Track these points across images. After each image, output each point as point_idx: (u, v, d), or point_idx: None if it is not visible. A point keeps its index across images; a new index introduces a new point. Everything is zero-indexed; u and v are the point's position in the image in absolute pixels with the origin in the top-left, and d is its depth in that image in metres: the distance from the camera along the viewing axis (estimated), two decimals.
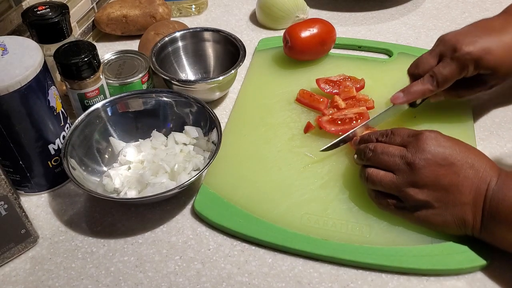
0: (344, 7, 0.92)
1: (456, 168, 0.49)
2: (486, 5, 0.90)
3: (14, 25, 0.65)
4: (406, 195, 0.50)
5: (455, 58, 0.58)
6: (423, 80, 0.60)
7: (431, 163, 0.49)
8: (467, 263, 0.49)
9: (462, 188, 0.49)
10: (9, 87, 0.49)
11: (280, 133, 0.65)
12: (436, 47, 0.61)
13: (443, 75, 0.58)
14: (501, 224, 0.47)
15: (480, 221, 0.48)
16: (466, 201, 0.48)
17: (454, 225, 0.50)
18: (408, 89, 0.61)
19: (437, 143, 0.50)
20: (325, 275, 0.50)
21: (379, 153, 0.52)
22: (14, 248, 0.52)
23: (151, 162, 0.60)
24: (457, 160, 0.49)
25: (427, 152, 0.50)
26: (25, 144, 0.54)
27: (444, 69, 0.58)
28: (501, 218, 0.47)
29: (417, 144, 0.50)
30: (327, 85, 0.70)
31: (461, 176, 0.49)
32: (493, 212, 0.47)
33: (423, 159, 0.49)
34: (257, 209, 0.55)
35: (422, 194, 0.49)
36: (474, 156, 0.50)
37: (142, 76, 0.67)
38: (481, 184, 0.48)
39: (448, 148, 0.50)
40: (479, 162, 0.49)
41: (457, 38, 0.58)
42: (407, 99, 0.61)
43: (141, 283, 0.51)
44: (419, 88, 0.60)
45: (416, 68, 0.62)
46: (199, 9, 0.92)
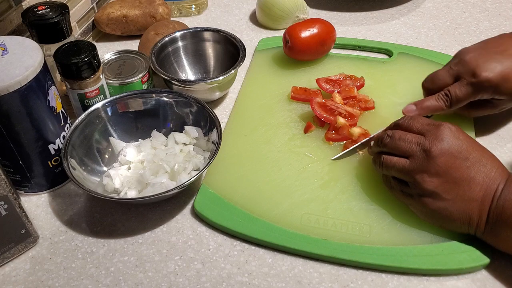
0: (344, 7, 0.92)
1: (469, 163, 0.49)
2: (486, 5, 0.90)
3: (14, 25, 0.65)
4: (416, 181, 0.50)
5: (472, 83, 0.58)
6: (437, 97, 0.60)
7: (446, 153, 0.49)
8: (467, 263, 0.49)
9: (472, 184, 0.49)
10: (9, 87, 0.49)
11: (280, 133, 0.65)
12: (454, 66, 0.60)
13: (458, 97, 0.59)
14: (507, 226, 0.47)
15: (485, 220, 0.48)
16: (475, 198, 0.49)
17: (458, 221, 0.49)
18: (421, 103, 0.61)
19: (456, 135, 0.50)
20: (325, 275, 0.50)
21: (397, 139, 0.53)
22: (14, 248, 0.52)
23: (151, 162, 0.60)
24: (472, 156, 0.50)
25: (445, 142, 0.50)
26: (25, 144, 0.54)
27: (460, 91, 0.59)
28: (507, 219, 0.47)
29: (437, 132, 0.51)
30: (328, 84, 0.70)
31: (473, 172, 0.49)
32: (499, 213, 0.47)
33: (439, 148, 0.50)
34: (257, 209, 0.55)
35: (432, 183, 0.50)
36: (488, 156, 0.51)
37: (142, 76, 0.67)
38: (491, 184, 0.49)
39: (465, 143, 0.50)
40: (492, 163, 0.50)
41: (477, 62, 0.58)
42: (418, 113, 0.61)
43: (141, 283, 0.51)
44: (433, 105, 0.60)
45: (431, 84, 0.62)
46: (199, 9, 0.92)
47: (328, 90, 0.69)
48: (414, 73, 0.73)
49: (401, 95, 0.70)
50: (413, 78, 0.71)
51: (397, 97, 0.69)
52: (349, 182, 0.58)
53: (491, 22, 0.86)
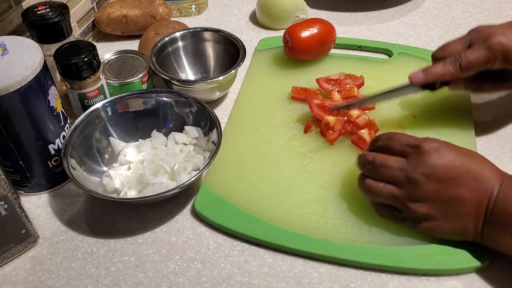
0: (344, 7, 0.92)
1: (458, 181, 0.48)
2: (486, 5, 0.90)
3: (14, 25, 0.65)
4: (407, 208, 0.49)
5: (485, 46, 0.56)
6: (445, 62, 0.58)
7: (433, 177, 0.48)
8: (467, 263, 0.49)
9: (464, 201, 0.48)
10: (9, 87, 0.49)
11: (280, 133, 0.65)
12: (467, 35, 0.59)
13: (468, 60, 0.56)
14: (503, 231, 0.47)
15: (481, 229, 0.48)
16: (468, 213, 0.48)
17: (455, 235, 0.50)
18: (428, 68, 0.59)
19: (438, 156, 0.48)
20: (325, 275, 0.50)
21: (378, 166, 0.51)
22: (14, 248, 0.52)
23: (151, 162, 0.60)
24: (459, 172, 0.48)
25: (429, 166, 0.48)
26: (25, 144, 0.54)
27: (472, 54, 0.56)
28: (502, 225, 0.46)
29: (418, 157, 0.49)
30: (328, 84, 0.70)
31: (463, 189, 0.48)
32: (494, 220, 0.47)
33: (424, 173, 0.48)
34: (257, 209, 0.55)
35: (423, 208, 0.49)
36: (476, 165, 0.49)
37: (142, 76, 0.67)
38: (483, 195, 0.47)
39: (450, 161, 0.48)
40: (481, 170, 0.48)
41: (491, 29, 0.57)
42: (425, 79, 0.59)
43: (141, 283, 0.51)
44: (440, 70, 0.58)
45: (441, 51, 0.60)
46: (199, 9, 0.92)
47: (329, 90, 0.69)
48: None
49: None
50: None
51: None
52: (349, 182, 0.58)
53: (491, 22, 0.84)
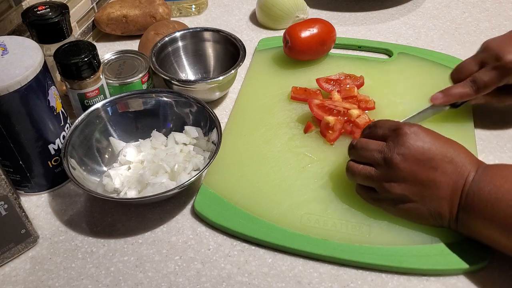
0: (344, 7, 0.92)
1: (434, 163, 0.49)
2: (486, 5, 0.90)
3: (14, 25, 0.65)
4: (383, 189, 0.51)
5: (497, 66, 0.58)
6: (463, 84, 0.61)
7: (409, 158, 0.50)
8: (467, 263, 0.49)
9: (439, 183, 0.49)
10: (9, 87, 0.49)
11: (280, 133, 0.65)
12: (480, 53, 0.62)
13: (483, 81, 0.59)
14: (476, 218, 0.47)
15: (456, 215, 0.49)
16: (443, 196, 0.49)
17: (430, 218, 0.51)
18: (447, 90, 0.62)
19: (416, 138, 0.50)
20: (325, 275, 0.50)
21: (359, 148, 0.53)
22: (14, 248, 0.52)
23: (151, 162, 0.60)
24: (435, 155, 0.49)
25: (405, 147, 0.50)
26: (25, 144, 0.54)
27: (485, 75, 0.59)
28: (475, 212, 0.47)
29: (396, 138, 0.51)
30: (328, 84, 0.70)
31: (439, 171, 0.49)
32: (468, 206, 0.48)
33: (400, 154, 0.50)
34: (257, 209, 0.55)
35: (399, 188, 0.50)
36: (453, 150, 0.50)
37: (142, 76, 0.67)
38: (458, 179, 0.49)
39: (427, 143, 0.50)
40: (458, 156, 0.50)
41: (500, 46, 0.59)
42: (445, 101, 0.62)
43: (141, 283, 0.51)
44: (458, 91, 0.61)
45: (458, 73, 0.63)
46: (199, 9, 0.92)
47: (328, 90, 0.69)
48: (414, 73, 0.73)
49: (401, 95, 0.70)
50: (413, 78, 0.71)
51: (397, 97, 0.69)
52: (349, 182, 0.58)
53: (491, 22, 0.86)
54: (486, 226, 0.47)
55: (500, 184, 0.47)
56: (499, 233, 0.46)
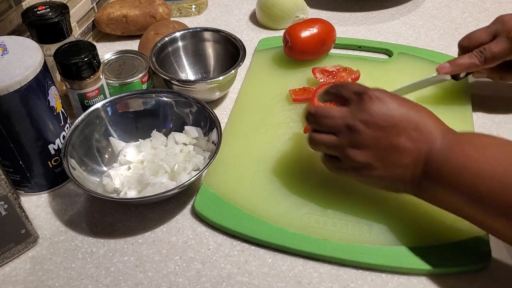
0: (344, 7, 0.92)
1: (397, 130, 0.48)
2: (486, 5, 0.90)
3: (14, 25, 0.65)
4: (347, 157, 0.50)
5: (509, 38, 0.58)
6: (471, 54, 0.61)
7: (372, 124, 0.48)
8: (467, 263, 0.49)
9: (403, 149, 0.48)
10: (9, 87, 0.49)
11: (280, 133, 0.65)
12: (493, 25, 0.61)
13: (493, 52, 0.59)
14: (441, 186, 0.47)
15: (419, 182, 0.48)
16: (406, 162, 0.48)
17: (392, 184, 0.50)
18: (455, 61, 0.62)
19: (380, 104, 0.49)
20: (325, 275, 0.50)
21: (319, 117, 0.52)
22: (14, 248, 0.52)
23: (151, 162, 0.60)
24: (399, 122, 0.48)
25: (368, 113, 0.49)
26: (25, 144, 0.54)
27: (496, 47, 0.59)
28: (441, 180, 0.46)
29: (359, 104, 0.50)
30: (322, 74, 0.71)
31: (403, 138, 0.48)
32: (433, 174, 0.47)
33: (363, 120, 0.49)
34: (257, 209, 0.55)
35: (362, 156, 0.49)
36: (419, 116, 0.49)
37: (142, 76, 0.67)
38: (423, 146, 0.48)
39: (391, 109, 0.49)
40: (424, 123, 0.48)
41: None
42: (452, 70, 0.62)
43: (141, 283, 0.51)
44: (466, 62, 0.61)
45: (467, 41, 0.63)
46: (199, 9, 0.92)
47: (319, 80, 0.71)
48: (414, 73, 0.73)
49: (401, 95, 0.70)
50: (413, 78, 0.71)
51: None
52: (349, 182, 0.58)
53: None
54: (451, 194, 0.46)
55: (469, 154, 0.46)
56: (463, 202, 0.46)
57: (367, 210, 0.55)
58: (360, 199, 0.56)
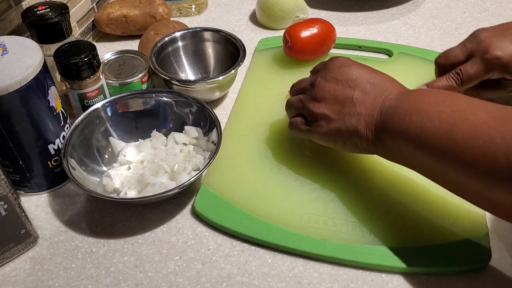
0: (344, 7, 0.92)
1: (353, 83, 0.52)
2: (486, 5, 0.90)
3: (14, 25, 0.65)
4: (307, 109, 0.55)
5: (484, 60, 0.58)
6: (448, 77, 0.62)
7: (329, 78, 0.54)
8: (467, 263, 0.49)
9: (356, 100, 0.52)
10: (9, 87, 0.49)
11: (280, 133, 0.65)
12: (469, 43, 0.61)
13: (469, 74, 0.60)
14: (395, 134, 0.48)
15: (373, 132, 0.50)
16: (360, 112, 0.51)
17: (349, 136, 0.52)
18: (432, 84, 0.63)
19: (341, 63, 0.55)
20: (325, 275, 0.50)
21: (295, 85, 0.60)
22: (14, 248, 0.52)
23: (151, 162, 0.60)
24: (355, 76, 0.53)
25: (328, 70, 0.55)
26: (25, 144, 0.54)
27: (472, 68, 0.59)
28: (395, 127, 0.48)
29: (324, 65, 0.56)
30: None
31: (357, 90, 0.52)
32: (386, 123, 0.49)
33: (323, 76, 0.54)
34: (257, 209, 0.55)
35: (320, 108, 0.54)
36: (376, 75, 0.53)
37: (142, 76, 0.67)
38: (376, 97, 0.51)
39: (351, 68, 0.54)
40: (380, 79, 0.53)
41: (491, 41, 0.59)
42: None
43: (141, 283, 0.51)
44: (443, 84, 0.62)
45: (443, 59, 0.63)
46: (199, 9, 0.92)
47: None
48: (414, 73, 0.73)
49: None
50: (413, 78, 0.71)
51: None
52: (349, 182, 0.58)
53: (491, 22, 0.85)
54: (404, 141, 0.47)
55: (421, 99, 0.48)
56: (414, 148, 0.47)
57: (367, 210, 0.55)
58: (360, 199, 0.56)
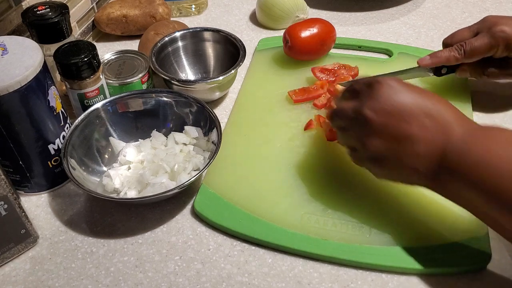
0: (344, 7, 0.92)
1: (407, 117, 0.46)
2: (486, 5, 0.90)
3: (14, 25, 0.65)
4: (361, 146, 0.49)
5: (489, 33, 0.60)
6: (451, 48, 0.63)
7: (379, 111, 0.47)
8: (467, 263, 0.49)
9: (414, 137, 0.46)
10: (9, 87, 0.49)
11: (280, 133, 0.65)
12: (476, 24, 0.63)
13: (472, 46, 0.60)
14: (459, 180, 0.44)
15: (434, 174, 0.46)
16: (420, 152, 0.46)
17: (407, 176, 0.48)
18: (435, 53, 0.64)
19: (388, 90, 0.47)
20: (325, 275, 0.50)
21: (336, 113, 0.53)
22: (14, 248, 0.52)
23: (151, 162, 0.60)
24: (410, 109, 0.46)
25: (375, 99, 0.47)
26: (25, 144, 0.54)
27: (476, 41, 0.60)
28: (460, 173, 0.44)
29: (368, 92, 0.49)
30: (322, 73, 0.72)
31: (414, 126, 0.46)
32: (452, 167, 0.44)
33: (370, 107, 0.47)
34: (257, 209, 0.55)
35: (373, 146, 0.48)
36: (434, 105, 0.47)
37: (142, 76, 0.67)
38: (440, 135, 0.45)
39: (401, 96, 0.47)
40: (440, 111, 0.46)
41: (497, 19, 0.61)
42: (431, 62, 0.64)
43: (141, 283, 0.50)
44: (446, 54, 0.63)
45: (450, 38, 0.65)
46: (199, 9, 0.92)
47: (321, 79, 0.71)
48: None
49: None
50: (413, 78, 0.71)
51: None
52: (349, 182, 0.58)
53: None
54: (469, 189, 0.44)
55: (491, 148, 0.43)
56: (481, 197, 0.43)
57: (367, 210, 0.55)
58: (360, 199, 0.56)
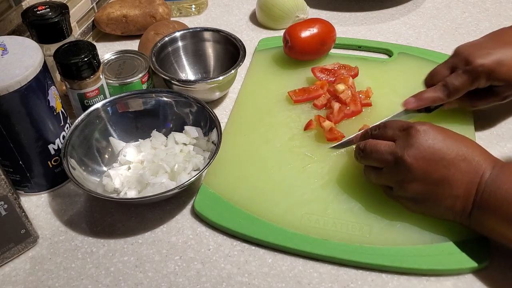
0: (344, 7, 0.92)
1: (446, 162, 0.49)
2: (486, 5, 0.90)
3: (14, 25, 0.65)
4: (398, 188, 0.52)
5: (467, 70, 0.59)
6: (435, 88, 0.62)
7: (420, 158, 0.49)
8: (467, 263, 0.49)
9: (452, 182, 0.49)
10: (9, 87, 0.49)
11: (280, 133, 0.65)
12: (450, 58, 0.62)
13: (454, 86, 0.60)
14: (491, 216, 0.47)
15: (469, 212, 0.49)
16: (457, 194, 0.49)
17: (443, 215, 0.51)
18: (420, 95, 0.63)
19: (426, 137, 0.50)
20: (325, 275, 0.50)
21: (369, 152, 0.53)
22: (14, 248, 0.52)
23: (151, 162, 0.60)
24: (447, 154, 0.49)
25: (415, 147, 0.50)
26: (25, 144, 0.54)
27: (456, 80, 0.60)
28: (491, 210, 0.47)
29: (407, 139, 0.51)
30: (322, 73, 0.72)
31: (452, 170, 0.49)
32: (483, 204, 0.48)
33: (411, 155, 0.49)
34: (257, 209, 0.55)
35: (412, 189, 0.50)
36: (466, 148, 0.50)
37: (142, 76, 0.67)
38: (473, 177, 0.49)
39: (438, 142, 0.50)
40: (472, 154, 0.49)
41: (470, 51, 0.59)
42: (417, 105, 0.62)
43: (141, 283, 0.50)
44: (430, 95, 0.62)
45: (430, 79, 0.64)
46: (199, 9, 0.92)
47: (321, 79, 0.71)
48: (414, 73, 0.73)
49: (401, 95, 0.69)
50: (413, 78, 0.71)
51: (397, 97, 0.69)
52: (350, 182, 0.58)
53: (491, 22, 0.85)
54: (501, 224, 0.47)
55: None
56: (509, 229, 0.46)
57: (367, 210, 0.55)
58: (360, 199, 0.56)
